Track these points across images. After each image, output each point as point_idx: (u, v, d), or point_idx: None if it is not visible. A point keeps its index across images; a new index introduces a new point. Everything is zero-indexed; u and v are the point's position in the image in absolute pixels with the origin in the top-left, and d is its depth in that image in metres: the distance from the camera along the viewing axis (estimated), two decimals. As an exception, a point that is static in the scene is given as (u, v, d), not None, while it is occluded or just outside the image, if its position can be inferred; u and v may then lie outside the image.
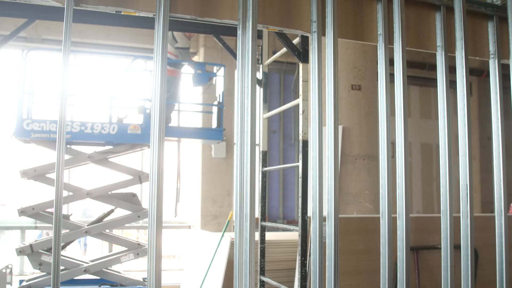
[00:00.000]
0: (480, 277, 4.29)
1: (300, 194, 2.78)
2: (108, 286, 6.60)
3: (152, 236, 2.49)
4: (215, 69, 8.22)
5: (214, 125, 8.01)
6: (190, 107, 10.14)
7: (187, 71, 8.12)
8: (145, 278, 6.89)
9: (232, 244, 5.54)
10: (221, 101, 7.76)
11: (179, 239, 11.14)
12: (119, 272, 6.97)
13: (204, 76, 7.74)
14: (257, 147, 2.70)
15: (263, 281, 4.78)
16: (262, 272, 4.80)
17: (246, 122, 2.76)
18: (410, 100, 12.30)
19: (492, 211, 3.38)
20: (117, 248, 8.23)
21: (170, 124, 7.87)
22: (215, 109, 8.07)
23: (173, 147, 10.31)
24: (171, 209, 10.46)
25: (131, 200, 6.93)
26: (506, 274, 3.26)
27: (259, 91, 5.47)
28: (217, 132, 7.62)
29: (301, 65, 4.00)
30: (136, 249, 6.86)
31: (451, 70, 3.23)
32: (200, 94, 9.56)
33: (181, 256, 10.49)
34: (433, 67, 3.30)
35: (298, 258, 2.72)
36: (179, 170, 10.73)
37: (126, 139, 6.80)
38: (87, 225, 6.76)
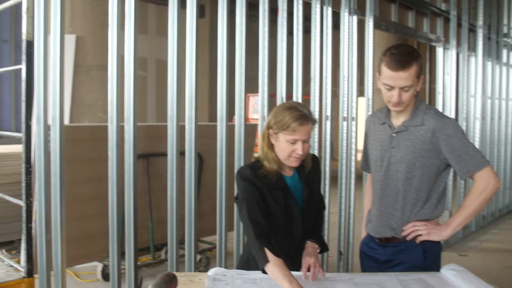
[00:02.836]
0: (205, 180, 4.71)
1: (23, 99, 2.62)
2: None
3: None
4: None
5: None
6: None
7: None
8: None
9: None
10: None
11: None
12: None
13: None
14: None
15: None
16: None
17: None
18: (147, 18, 12.27)
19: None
20: None
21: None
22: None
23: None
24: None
25: None
26: (226, 175, 3.66)
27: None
28: None
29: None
30: None
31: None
32: None
33: None
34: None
35: (23, 165, 2.60)
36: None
37: None
38: None
